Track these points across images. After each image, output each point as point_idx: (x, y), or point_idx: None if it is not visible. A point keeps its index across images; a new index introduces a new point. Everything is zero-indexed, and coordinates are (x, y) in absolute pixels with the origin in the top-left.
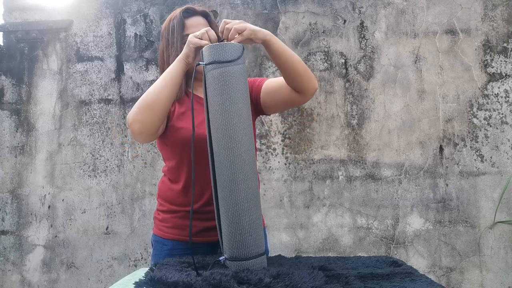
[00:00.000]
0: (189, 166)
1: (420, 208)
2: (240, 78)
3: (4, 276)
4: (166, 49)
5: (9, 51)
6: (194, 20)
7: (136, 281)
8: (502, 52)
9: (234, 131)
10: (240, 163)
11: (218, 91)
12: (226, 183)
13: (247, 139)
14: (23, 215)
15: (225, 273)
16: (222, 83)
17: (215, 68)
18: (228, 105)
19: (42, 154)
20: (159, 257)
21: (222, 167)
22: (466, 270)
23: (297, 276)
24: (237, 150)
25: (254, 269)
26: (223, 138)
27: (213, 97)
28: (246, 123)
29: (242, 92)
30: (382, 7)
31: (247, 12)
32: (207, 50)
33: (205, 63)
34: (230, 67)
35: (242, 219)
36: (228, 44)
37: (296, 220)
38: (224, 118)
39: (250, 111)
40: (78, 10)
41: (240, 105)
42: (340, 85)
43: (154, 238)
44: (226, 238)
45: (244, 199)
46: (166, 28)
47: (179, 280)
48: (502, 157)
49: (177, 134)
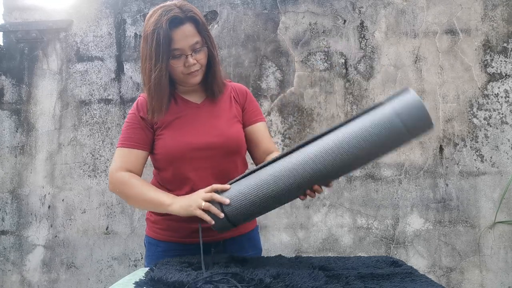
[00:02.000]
0: (183, 179)
1: (420, 208)
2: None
3: (4, 276)
4: (149, 61)
5: (9, 51)
6: (181, 31)
7: (136, 281)
8: (502, 52)
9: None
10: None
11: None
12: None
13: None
14: (23, 215)
15: (225, 273)
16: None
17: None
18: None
19: (42, 154)
20: (152, 258)
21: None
22: (466, 270)
23: (297, 276)
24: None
25: (254, 269)
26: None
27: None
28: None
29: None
30: (382, 7)
31: (247, 12)
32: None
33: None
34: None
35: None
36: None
37: (296, 220)
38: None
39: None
40: (78, 10)
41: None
42: (340, 85)
43: (147, 239)
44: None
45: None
46: (149, 37)
47: (179, 280)
48: (502, 157)
49: (167, 148)
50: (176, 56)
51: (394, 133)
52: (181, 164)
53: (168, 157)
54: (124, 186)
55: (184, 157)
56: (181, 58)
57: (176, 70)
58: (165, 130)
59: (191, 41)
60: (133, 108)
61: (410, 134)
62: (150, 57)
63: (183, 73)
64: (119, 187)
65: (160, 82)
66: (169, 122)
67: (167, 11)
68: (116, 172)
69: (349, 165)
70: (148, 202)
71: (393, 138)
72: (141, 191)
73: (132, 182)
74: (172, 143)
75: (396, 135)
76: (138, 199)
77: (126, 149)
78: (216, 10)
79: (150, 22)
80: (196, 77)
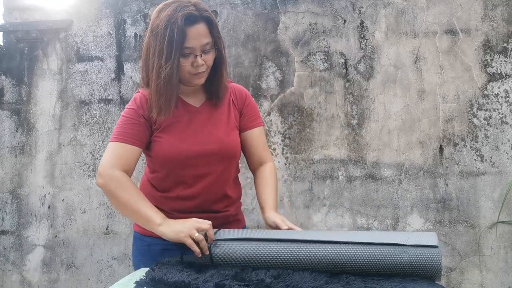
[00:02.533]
0: (177, 182)
1: (420, 208)
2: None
3: (4, 276)
4: (158, 57)
5: (9, 51)
6: (196, 29)
7: (137, 281)
8: (502, 52)
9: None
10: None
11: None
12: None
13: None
14: (23, 215)
15: (225, 273)
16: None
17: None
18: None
19: (42, 154)
20: (139, 252)
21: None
22: (466, 270)
23: (298, 276)
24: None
25: (256, 269)
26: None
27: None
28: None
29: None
30: (382, 7)
31: (247, 12)
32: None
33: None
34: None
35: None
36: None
37: (296, 220)
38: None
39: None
40: (78, 10)
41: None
42: (340, 85)
43: (134, 234)
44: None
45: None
46: (161, 32)
47: (179, 280)
48: (502, 157)
49: (165, 153)
50: (185, 55)
51: (398, 270)
52: (177, 168)
53: (164, 161)
54: (116, 186)
55: (180, 163)
56: (189, 57)
57: (183, 68)
58: (163, 133)
59: (203, 41)
60: (132, 103)
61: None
62: (161, 53)
63: (190, 72)
64: (110, 185)
65: (171, 80)
66: (168, 125)
67: (183, 7)
68: (110, 168)
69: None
70: (136, 212)
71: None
72: (133, 198)
73: (126, 185)
74: (169, 148)
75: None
76: (127, 205)
77: (122, 144)
78: (216, 10)
79: (162, 16)
80: (201, 78)
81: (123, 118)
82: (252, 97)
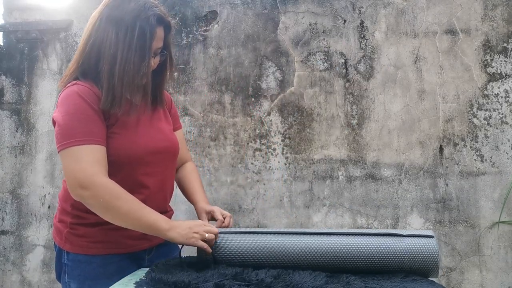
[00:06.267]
0: (136, 185)
1: (420, 208)
2: None
3: (4, 276)
4: (126, 51)
5: (9, 51)
6: (160, 31)
7: (137, 281)
8: (502, 52)
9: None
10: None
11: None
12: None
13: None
14: (23, 215)
15: (225, 273)
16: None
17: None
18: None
19: (42, 154)
20: (87, 277)
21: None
22: (466, 270)
23: (298, 276)
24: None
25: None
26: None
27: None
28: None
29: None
30: (382, 7)
31: (247, 12)
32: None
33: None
34: None
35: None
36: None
37: (296, 220)
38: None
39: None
40: (78, 10)
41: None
42: (340, 85)
43: (72, 257)
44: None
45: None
46: (127, 26)
47: (179, 280)
48: (502, 157)
49: (125, 149)
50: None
51: (396, 266)
52: (134, 168)
53: (123, 159)
54: (111, 196)
55: (141, 160)
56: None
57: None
58: (119, 129)
59: (159, 44)
60: (77, 97)
61: (411, 271)
62: (130, 48)
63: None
64: (104, 196)
65: (148, 77)
66: (123, 120)
67: (152, 6)
68: (96, 176)
69: (342, 267)
70: (138, 220)
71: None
72: (134, 206)
73: (120, 193)
74: (129, 144)
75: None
76: (129, 215)
77: (95, 146)
78: (216, 10)
79: (128, 8)
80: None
81: (78, 116)
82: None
